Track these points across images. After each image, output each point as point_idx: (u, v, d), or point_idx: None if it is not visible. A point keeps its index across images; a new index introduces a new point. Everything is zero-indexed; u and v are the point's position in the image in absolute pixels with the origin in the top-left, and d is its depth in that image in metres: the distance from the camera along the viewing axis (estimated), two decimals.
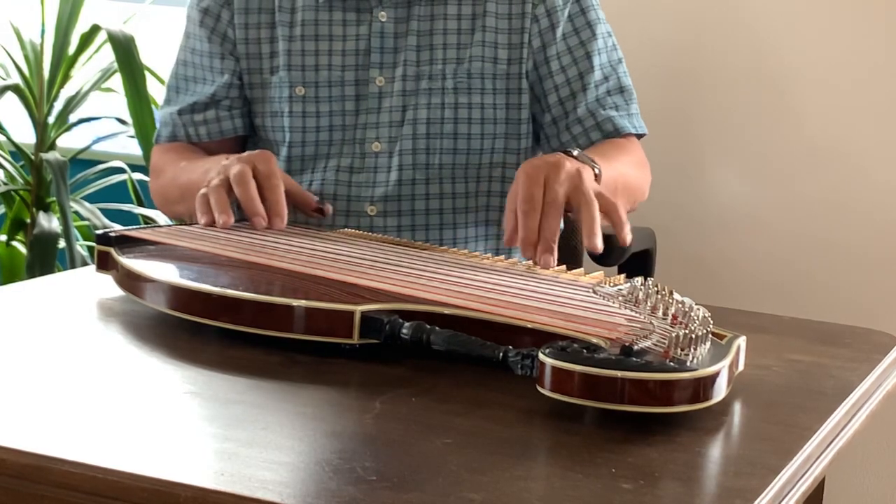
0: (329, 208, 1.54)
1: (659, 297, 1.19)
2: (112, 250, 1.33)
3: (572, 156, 1.43)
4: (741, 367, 1.12)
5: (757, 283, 2.37)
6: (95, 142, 2.68)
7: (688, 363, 1.01)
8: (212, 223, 1.42)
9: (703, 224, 2.40)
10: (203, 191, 1.45)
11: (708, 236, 2.41)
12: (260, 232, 1.42)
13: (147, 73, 2.41)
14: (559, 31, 1.71)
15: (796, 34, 2.32)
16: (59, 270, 2.34)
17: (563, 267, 1.35)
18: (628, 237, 1.40)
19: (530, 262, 1.36)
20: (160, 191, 1.75)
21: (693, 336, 1.04)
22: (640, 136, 1.76)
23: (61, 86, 2.54)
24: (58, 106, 2.55)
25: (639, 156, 1.73)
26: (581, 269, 1.34)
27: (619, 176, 1.59)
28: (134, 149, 2.54)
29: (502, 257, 1.40)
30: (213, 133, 1.74)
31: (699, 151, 2.40)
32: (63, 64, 2.51)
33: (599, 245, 1.35)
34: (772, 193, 2.36)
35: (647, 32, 2.39)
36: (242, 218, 1.46)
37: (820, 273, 2.35)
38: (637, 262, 1.88)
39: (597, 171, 1.47)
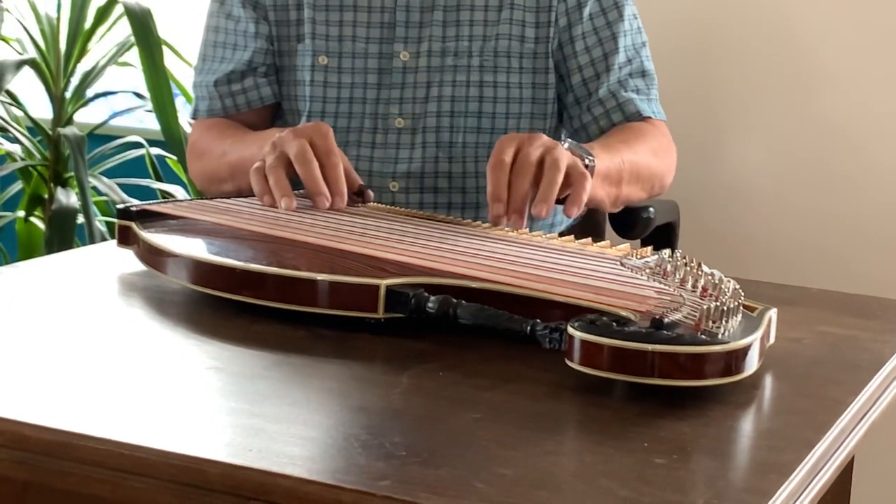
0: (370, 194, 1.49)
1: (687, 269, 1.18)
2: (133, 225, 1.33)
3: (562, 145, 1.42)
4: (772, 339, 1.11)
5: (780, 256, 2.36)
6: (113, 116, 2.68)
7: (719, 336, 1.00)
8: (273, 204, 1.39)
9: (726, 197, 2.40)
10: (258, 165, 1.41)
11: (731, 210, 2.40)
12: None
13: (164, 47, 2.40)
14: (586, 11, 1.70)
15: (819, 9, 2.31)
16: (78, 246, 2.34)
17: (589, 239, 1.34)
18: (573, 212, 1.36)
19: (546, 234, 1.35)
20: (205, 171, 1.71)
21: (724, 308, 1.03)
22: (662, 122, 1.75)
23: (78, 60, 2.54)
24: (74, 80, 2.55)
25: (660, 141, 1.71)
26: (607, 242, 1.33)
27: (628, 164, 1.58)
28: (151, 123, 2.54)
29: (526, 230, 1.39)
30: (252, 101, 1.72)
31: (722, 126, 2.39)
32: (79, 38, 2.51)
33: (543, 214, 1.33)
34: (793, 167, 2.35)
35: (671, 7, 2.38)
36: (297, 187, 1.42)
37: (843, 247, 2.34)
38: (661, 235, 1.87)
39: (588, 161, 1.45)
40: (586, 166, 1.43)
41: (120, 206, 1.38)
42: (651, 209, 1.78)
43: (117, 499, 0.86)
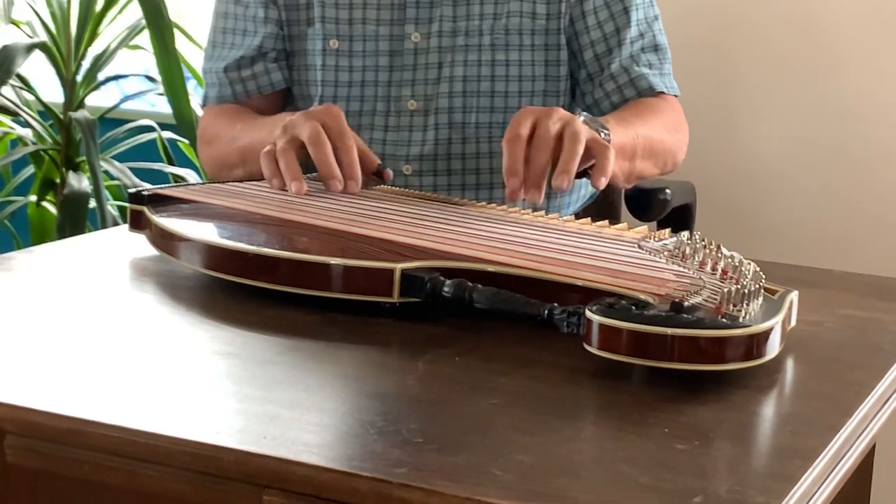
0: (389, 173, 1.48)
1: (707, 251, 1.17)
2: (145, 209, 1.32)
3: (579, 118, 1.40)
4: (794, 322, 1.10)
5: (798, 238, 2.35)
6: (124, 100, 2.68)
7: (740, 319, 0.99)
8: (283, 187, 1.38)
9: (742, 179, 2.39)
10: (268, 149, 1.40)
11: (748, 191, 2.39)
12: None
13: (176, 30, 2.39)
14: None
15: None
16: (90, 231, 2.33)
17: (606, 222, 1.33)
18: (602, 183, 1.34)
19: (555, 214, 1.34)
20: (216, 156, 1.70)
21: (745, 291, 1.02)
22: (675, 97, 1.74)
23: (89, 43, 2.53)
24: (86, 64, 2.54)
25: (673, 118, 1.70)
26: (624, 224, 1.32)
27: (641, 139, 1.57)
28: (163, 107, 2.53)
29: (542, 212, 1.37)
30: (263, 86, 1.71)
31: (738, 107, 2.39)
32: (90, 21, 2.50)
33: (565, 185, 1.31)
34: (809, 150, 2.34)
35: None
36: (309, 171, 1.42)
37: (863, 229, 2.33)
38: (677, 216, 1.86)
39: (603, 134, 1.43)
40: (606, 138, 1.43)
41: (132, 190, 1.37)
42: (668, 190, 1.77)
43: (131, 487, 0.86)
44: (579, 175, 1.36)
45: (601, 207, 1.85)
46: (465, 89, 1.66)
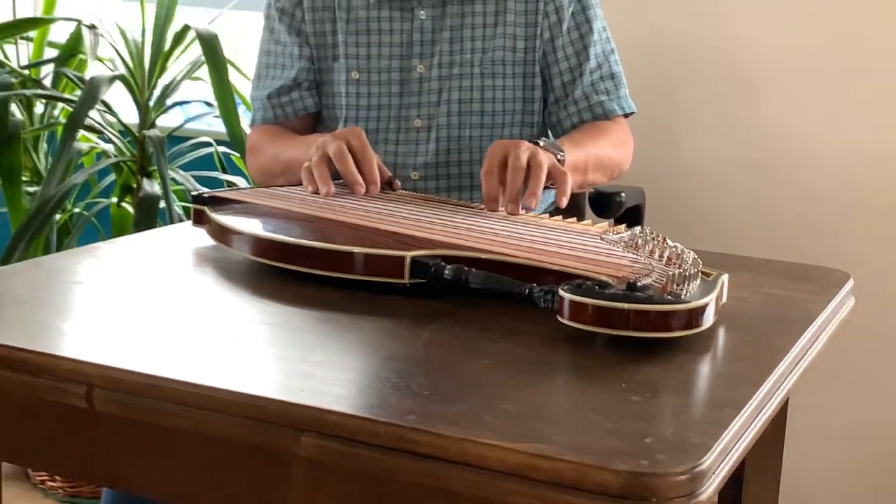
0: (398, 184, 1.48)
1: (655, 242, 1.16)
2: (206, 208, 1.31)
3: (539, 145, 1.41)
4: (724, 299, 1.10)
5: (728, 231, 2.35)
6: (187, 121, 2.66)
7: (682, 296, 0.99)
8: (316, 192, 1.38)
9: (683, 184, 2.38)
10: (307, 164, 1.41)
11: (687, 194, 2.39)
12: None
13: (229, 65, 2.37)
14: (564, 26, 1.68)
15: (758, 33, 2.30)
16: (160, 226, 2.33)
17: (574, 219, 1.33)
18: (563, 202, 1.36)
19: (548, 214, 1.33)
20: (261, 167, 1.70)
21: (686, 274, 1.02)
22: (628, 115, 1.74)
23: (159, 76, 2.51)
24: (156, 92, 2.52)
25: (619, 135, 1.70)
26: (588, 221, 1.32)
27: (592, 156, 1.59)
28: (219, 127, 2.51)
29: (523, 211, 1.37)
30: (298, 110, 1.71)
31: (680, 126, 2.38)
32: (160, 58, 2.48)
33: (534, 205, 1.32)
34: (737, 159, 2.34)
35: (641, 25, 2.36)
36: (339, 181, 1.41)
37: (779, 223, 2.33)
38: (631, 215, 1.85)
39: (559, 156, 1.45)
40: (559, 160, 1.43)
41: (194, 193, 1.36)
42: (623, 194, 1.76)
43: (195, 431, 0.85)
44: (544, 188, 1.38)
45: (570, 208, 1.83)
46: (461, 110, 1.66)
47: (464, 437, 0.76)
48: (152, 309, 1.07)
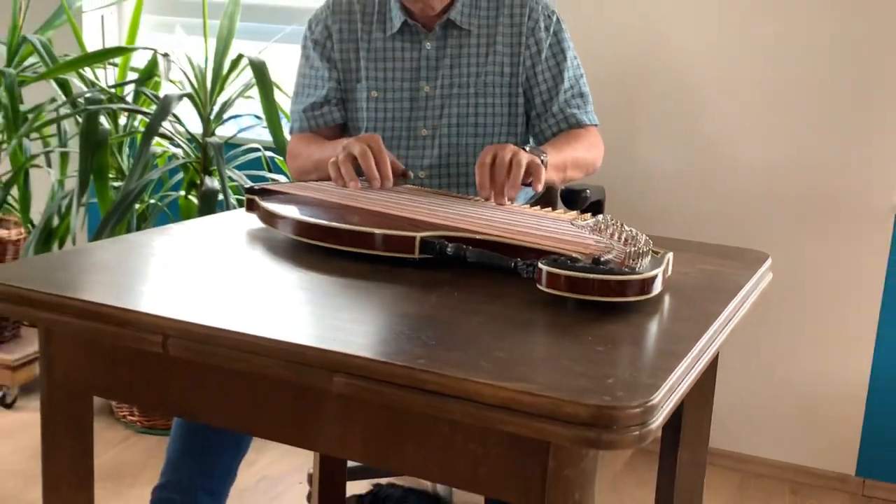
0: (410, 174, 1.49)
1: (615, 227, 1.16)
2: (256, 198, 1.31)
3: (525, 149, 1.40)
4: (670, 272, 1.10)
5: (673, 220, 2.35)
6: (240, 131, 2.65)
7: (636, 269, 0.98)
8: (343, 185, 1.38)
9: (636, 183, 2.38)
10: (333, 160, 1.41)
11: (640, 189, 2.39)
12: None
13: (274, 86, 2.37)
14: (543, 55, 1.68)
15: (703, 61, 2.29)
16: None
17: (550, 208, 1.32)
18: (539, 188, 1.35)
19: (529, 204, 1.33)
20: (298, 167, 1.69)
21: (640, 252, 1.02)
22: (595, 126, 1.74)
23: (218, 94, 2.50)
24: (216, 108, 2.52)
25: (591, 141, 1.69)
26: (561, 210, 1.31)
27: (570, 157, 1.58)
28: (266, 136, 2.51)
29: (508, 202, 1.37)
30: (327, 122, 1.70)
31: (635, 136, 2.38)
32: (219, 80, 2.47)
33: (513, 195, 1.31)
34: (681, 162, 2.34)
35: (607, 52, 2.35)
36: (360, 177, 1.41)
37: (713, 214, 2.33)
38: (595, 207, 1.85)
39: (542, 158, 1.44)
40: (542, 161, 1.43)
41: (247, 186, 1.36)
42: (588, 191, 1.76)
43: (248, 370, 0.85)
44: (526, 185, 1.37)
45: (546, 201, 1.84)
46: (458, 122, 1.66)
47: (463, 377, 0.76)
48: (213, 275, 1.07)
